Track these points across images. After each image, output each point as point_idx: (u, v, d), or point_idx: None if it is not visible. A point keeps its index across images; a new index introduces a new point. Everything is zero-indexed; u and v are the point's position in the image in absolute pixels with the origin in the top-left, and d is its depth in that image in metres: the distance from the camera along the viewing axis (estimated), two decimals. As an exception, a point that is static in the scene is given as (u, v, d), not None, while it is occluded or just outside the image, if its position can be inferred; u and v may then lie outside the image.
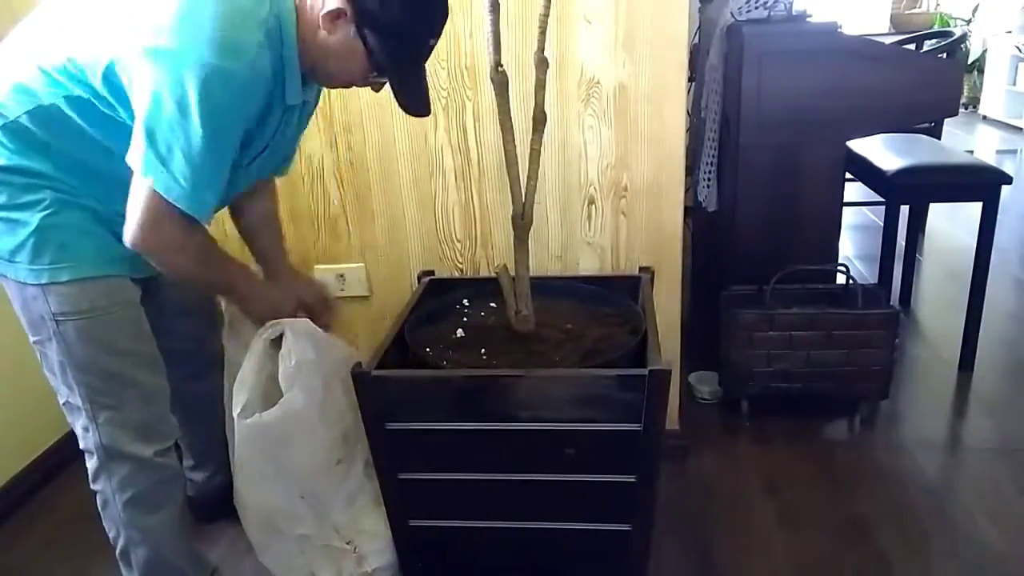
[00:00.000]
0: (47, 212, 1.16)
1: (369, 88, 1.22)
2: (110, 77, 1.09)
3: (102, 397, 1.26)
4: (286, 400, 1.33)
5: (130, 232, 1.11)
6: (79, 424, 1.29)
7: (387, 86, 1.22)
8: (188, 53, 1.03)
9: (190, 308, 1.52)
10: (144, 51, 1.04)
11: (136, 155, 1.08)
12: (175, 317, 1.44)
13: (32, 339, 1.25)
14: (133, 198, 1.10)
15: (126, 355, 1.27)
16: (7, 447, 1.90)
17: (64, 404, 1.30)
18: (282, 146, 1.32)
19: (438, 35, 1.18)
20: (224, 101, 1.06)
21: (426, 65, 1.23)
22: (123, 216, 1.14)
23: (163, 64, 1.03)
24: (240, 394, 1.34)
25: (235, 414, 1.34)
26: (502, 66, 1.34)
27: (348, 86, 1.26)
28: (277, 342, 1.35)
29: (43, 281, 1.18)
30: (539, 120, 1.39)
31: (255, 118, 1.16)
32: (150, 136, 1.06)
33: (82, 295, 1.20)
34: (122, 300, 1.25)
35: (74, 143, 1.15)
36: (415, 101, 1.23)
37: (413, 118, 1.27)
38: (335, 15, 1.11)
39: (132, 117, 1.09)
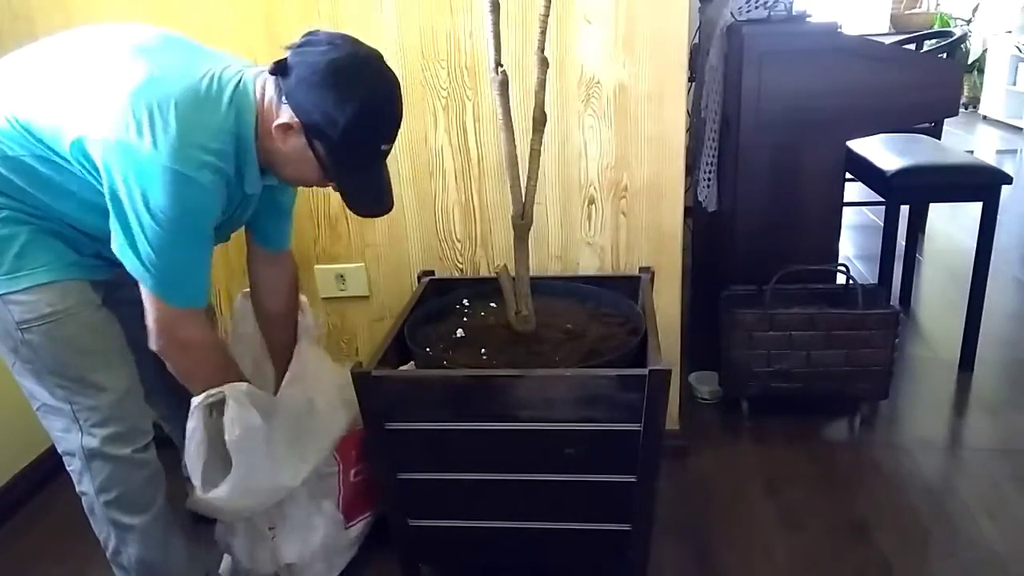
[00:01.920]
0: (2, 224, 1.18)
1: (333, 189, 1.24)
2: (78, 151, 1.12)
3: (80, 398, 1.26)
4: (234, 473, 1.32)
5: (151, 338, 1.20)
6: (58, 427, 1.29)
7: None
8: (150, 154, 1.07)
9: None
10: (112, 143, 1.08)
11: (120, 252, 1.14)
12: None
13: (2, 351, 1.26)
14: (144, 301, 1.18)
15: (94, 354, 1.27)
16: (7, 447, 1.90)
17: (39, 408, 1.30)
18: (243, 216, 1.34)
19: (391, 141, 1.20)
20: (192, 202, 1.11)
21: (386, 162, 1.24)
22: (85, 237, 1.23)
23: (129, 165, 1.08)
24: (195, 470, 1.33)
25: (196, 486, 1.35)
26: (502, 66, 1.34)
27: (305, 186, 1.31)
28: (219, 406, 1.34)
29: (1, 292, 1.19)
30: (539, 120, 1.39)
31: (221, 211, 1.20)
32: (127, 234, 1.12)
33: (42, 300, 1.20)
34: (82, 302, 1.25)
35: (38, 188, 1.18)
36: (366, 204, 1.25)
37: (414, 117, 1.28)
38: (285, 127, 1.14)
39: (101, 186, 1.12)
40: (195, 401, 1.29)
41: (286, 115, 1.13)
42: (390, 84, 1.17)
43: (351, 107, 1.10)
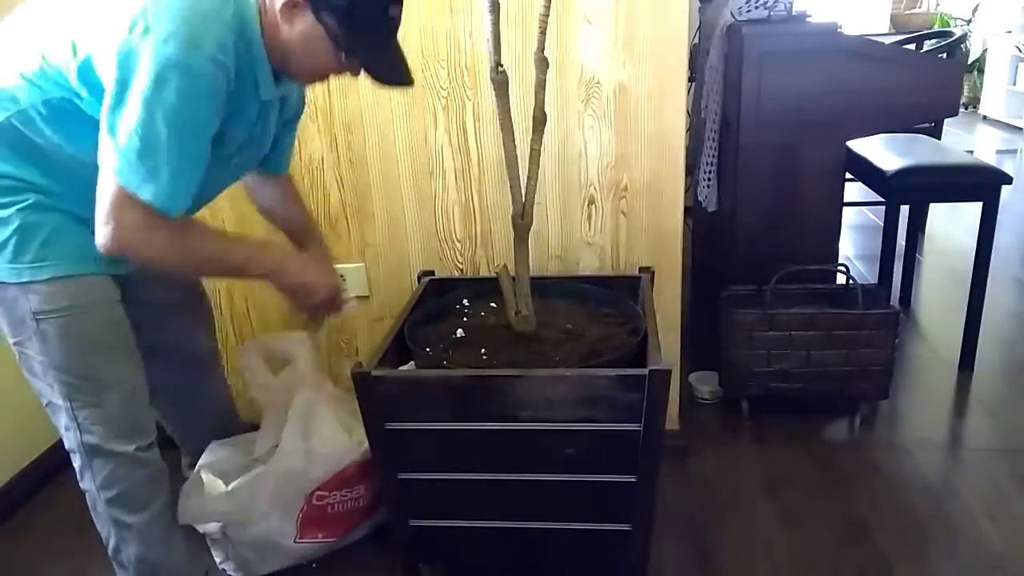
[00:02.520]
0: (29, 212, 1.17)
1: (351, 75, 1.21)
2: (86, 74, 1.10)
3: (82, 395, 1.26)
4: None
5: (99, 232, 1.10)
6: (61, 423, 1.29)
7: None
8: (154, 49, 1.03)
9: (176, 303, 1.51)
10: (112, 45, 1.05)
11: (102, 148, 1.08)
12: (161, 312, 1.44)
13: (12, 340, 1.25)
14: (99, 192, 1.09)
15: (106, 352, 1.27)
16: (7, 447, 1.90)
17: (47, 405, 1.30)
18: (264, 141, 1.32)
19: (399, 2, 1.18)
20: (187, 95, 1.06)
21: (398, 37, 1.22)
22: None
23: (130, 59, 1.04)
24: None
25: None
26: (502, 66, 1.34)
27: (324, 78, 1.26)
28: None
29: (24, 279, 1.18)
30: (539, 120, 1.39)
31: (223, 113, 1.15)
32: (111, 128, 1.06)
33: (62, 293, 1.20)
34: (101, 298, 1.25)
35: (54, 149, 1.17)
36: (391, 71, 1.22)
37: (414, 117, 1.27)
38: (290, 6, 1.12)
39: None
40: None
41: None
42: None
43: None
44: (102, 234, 1.10)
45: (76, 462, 1.32)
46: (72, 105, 1.13)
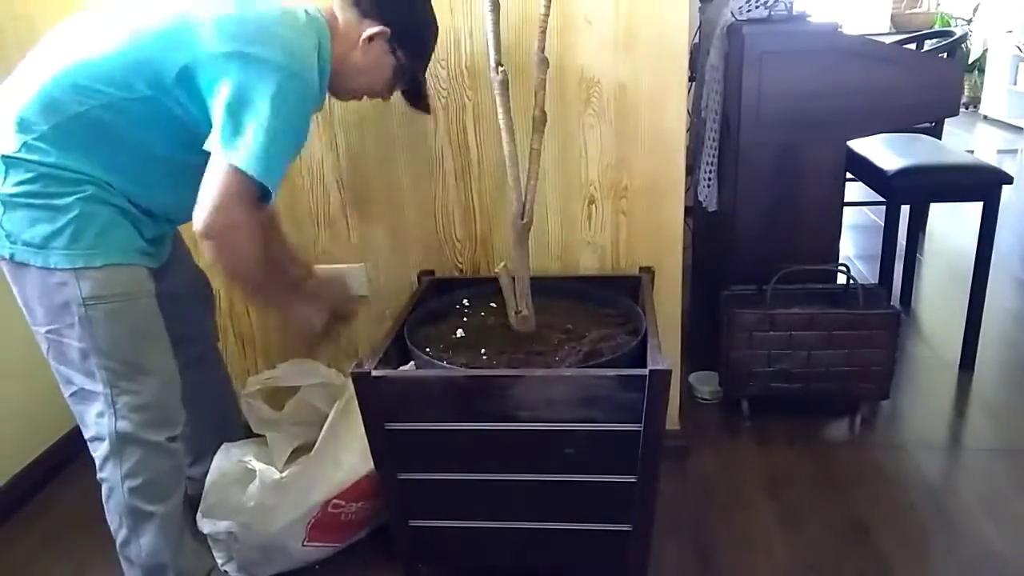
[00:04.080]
0: (87, 202, 1.22)
1: (383, 99, 1.46)
2: (185, 79, 1.20)
3: (123, 382, 1.30)
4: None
5: (202, 216, 1.19)
6: (92, 411, 1.31)
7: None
8: (269, 57, 1.18)
9: (186, 292, 1.55)
10: (226, 55, 1.18)
11: (217, 138, 1.18)
12: (174, 302, 1.46)
13: (47, 328, 1.27)
14: (208, 183, 1.19)
15: (148, 339, 1.33)
16: (8, 446, 1.90)
17: (75, 394, 1.32)
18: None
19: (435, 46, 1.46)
20: (296, 98, 1.22)
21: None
22: (148, 214, 1.31)
23: (248, 65, 1.18)
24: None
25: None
26: (502, 66, 1.34)
27: (361, 98, 1.47)
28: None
29: (78, 265, 1.22)
30: (539, 120, 1.39)
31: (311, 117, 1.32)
32: (235, 121, 1.18)
33: (113, 280, 1.26)
34: (145, 288, 1.32)
35: (124, 143, 1.24)
36: (426, 98, 1.49)
37: (413, 117, 1.39)
38: (372, 38, 1.33)
39: (199, 114, 1.21)
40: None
41: (372, 27, 1.32)
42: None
43: (422, 13, 1.40)
44: (203, 216, 1.19)
45: (100, 450, 1.33)
46: (157, 103, 1.22)
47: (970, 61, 6.26)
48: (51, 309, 1.25)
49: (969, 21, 6.17)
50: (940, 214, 3.71)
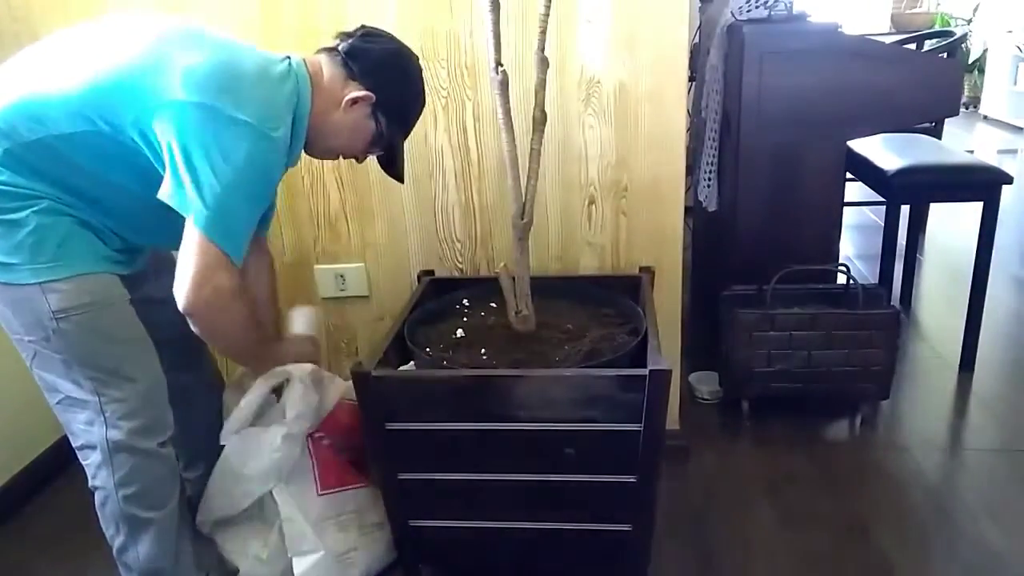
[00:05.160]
0: (43, 214, 1.20)
1: (356, 161, 1.43)
2: (142, 123, 1.16)
3: (110, 389, 1.28)
4: (286, 434, 1.43)
5: (182, 292, 1.20)
6: (81, 419, 1.30)
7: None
8: (234, 114, 1.15)
9: (169, 296, 1.51)
10: (190, 104, 1.14)
11: (169, 192, 1.16)
12: (156, 306, 1.44)
13: (27, 339, 1.25)
14: (183, 256, 1.19)
15: (126, 345, 1.31)
16: (7, 447, 1.90)
17: (61, 402, 1.30)
18: (274, 202, 1.44)
19: (418, 118, 1.43)
20: (260, 159, 1.19)
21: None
22: (111, 231, 1.28)
23: (210, 119, 1.14)
24: (234, 422, 1.45)
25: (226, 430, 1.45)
26: (502, 66, 1.34)
27: (336, 158, 1.43)
28: (278, 389, 1.47)
29: (43, 279, 1.20)
30: (539, 120, 1.39)
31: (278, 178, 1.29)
32: (192, 178, 1.15)
33: (81, 290, 1.23)
34: (116, 294, 1.29)
35: (71, 171, 1.21)
36: (400, 166, 1.44)
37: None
38: (355, 100, 1.29)
39: (155, 158, 1.18)
40: (262, 379, 1.43)
41: (358, 91, 1.29)
42: (422, 74, 1.40)
43: (412, 87, 1.37)
44: (190, 294, 1.19)
45: (92, 459, 1.32)
46: (113, 140, 1.19)
47: (970, 61, 6.26)
48: (28, 323, 1.24)
49: (969, 21, 6.17)
50: (940, 214, 3.71)
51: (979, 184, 2.24)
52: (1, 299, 1.23)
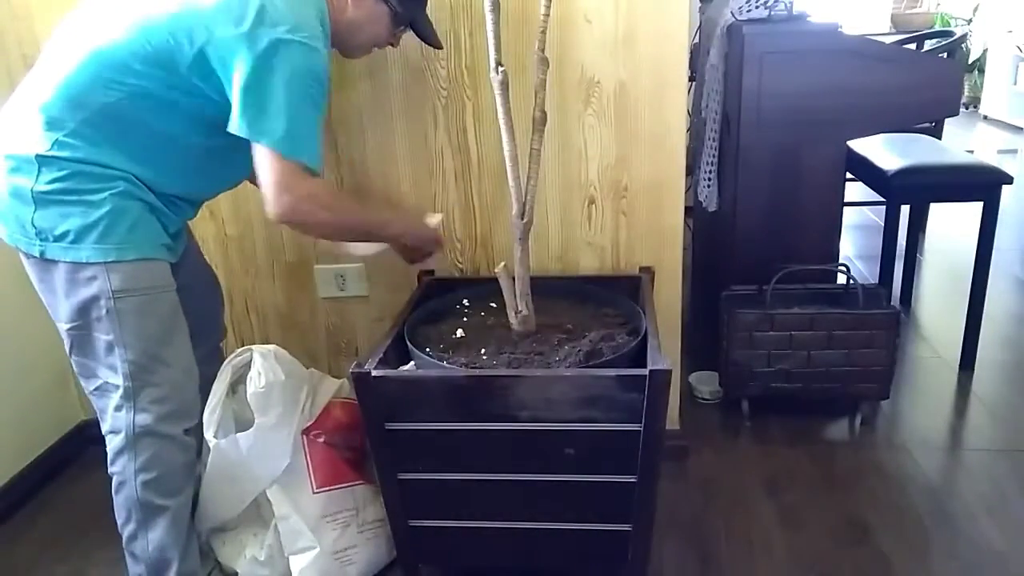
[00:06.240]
0: (119, 197, 1.26)
1: (388, 47, 1.49)
2: (198, 65, 1.22)
3: (145, 374, 1.32)
4: (259, 423, 1.43)
5: (269, 208, 1.25)
6: (111, 405, 1.33)
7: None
8: (277, 35, 1.20)
9: (196, 284, 1.55)
10: (235, 37, 1.19)
11: (238, 123, 1.22)
12: (188, 294, 1.47)
13: (72, 324, 1.29)
14: (260, 175, 1.25)
15: (173, 333, 1.36)
16: (8, 447, 1.90)
17: (98, 388, 1.34)
18: None
19: None
20: (308, 70, 1.24)
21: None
22: (175, 203, 1.35)
23: (257, 45, 1.19)
24: (212, 418, 1.45)
25: (209, 436, 1.44)
26: (502, 66, 1.34)
27: (371, 51, 1.49)
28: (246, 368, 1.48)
29: (110, 259, 1.25)
30: (539, 120, 1.39)
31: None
32: (254, 103, 1.21)
33: (143, 273, 1.29)
34: (169, 282, 1.35)
35: (140, 134, 1.26)
36: (434, 34, 1.52)
37: (414, 117, 1.40)
38: None
39: (218, 97, 1.24)
40: (226, 362, 1.48)
41: None
42: None
43: None
44: (278, 205, 1.24)
45: (115, 443, 1.35)
46: (160, 94, 1.24)
47: (970, 61, 6.25)
48: (79, 303, 1.27)
49: (969, 21, 6.17)
50: (940, 214, 3.71)
51: (979, 184, 2.24)
52: (58, 280, 1.27)
